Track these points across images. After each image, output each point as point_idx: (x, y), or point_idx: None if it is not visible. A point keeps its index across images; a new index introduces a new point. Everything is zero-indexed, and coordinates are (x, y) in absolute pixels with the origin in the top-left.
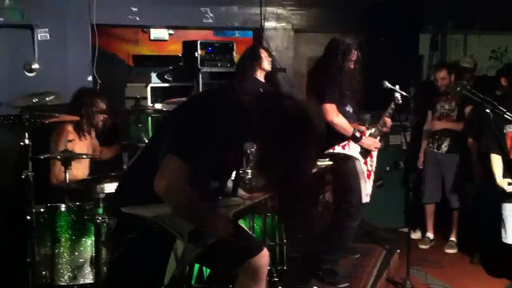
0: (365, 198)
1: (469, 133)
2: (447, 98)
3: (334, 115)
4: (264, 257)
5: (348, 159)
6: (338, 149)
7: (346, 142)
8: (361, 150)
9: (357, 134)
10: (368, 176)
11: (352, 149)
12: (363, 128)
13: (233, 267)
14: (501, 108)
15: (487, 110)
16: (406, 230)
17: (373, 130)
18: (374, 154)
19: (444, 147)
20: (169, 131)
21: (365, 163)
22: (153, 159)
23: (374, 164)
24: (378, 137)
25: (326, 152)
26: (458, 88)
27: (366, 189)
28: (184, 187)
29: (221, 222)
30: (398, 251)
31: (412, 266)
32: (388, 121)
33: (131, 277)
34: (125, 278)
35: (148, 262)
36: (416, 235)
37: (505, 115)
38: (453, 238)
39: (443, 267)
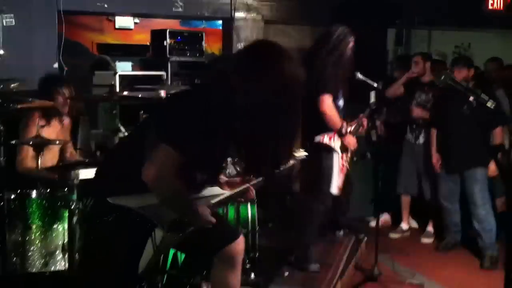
0: (335, 190)
1: (433, 123)
2: (423, 89)
3: (329, 107)
4: (239, 244)
5: (331, 150)
6: (326, 139)
7: (332, 134)
8: (341, 145)
9: (343, 131)
10: (342, 171)
11: (335, 142)
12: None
13: (209, 254)
14: (483, 96)
15: (471, 99)
16: (372, 219)
17: (352, 127)
18: (349, 151)
19: (422, 138)
20: (160, 121)
21: (342, 157)
22: (138, 148)
23: (347, 160)
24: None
25: (315, 140)
26: (443, 77)
27: (338, 181)
28: (173, 177)
29: (203, 212)
30: (366, 238)
31: (380, 254)
32: (365, 121)
33: (105, 262)
34: (99, 262)
35: (124, 247)
36: (382, 221)
37: (488, 103)
38: (429, 229)
39: (408, 254)
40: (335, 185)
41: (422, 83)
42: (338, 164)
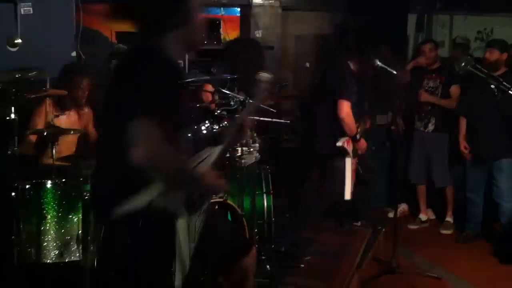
0: (348, 196)
1: (461, 112)
2: (431, 76)
3: (347, 113)
4: (252, 257)
5: (346, 154)
6: (345, 143)
7: (348, 139)
8: (353, 149)
9: (358, 136)
10: (353, 176)
11: (349, 147)
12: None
13: (221, 266)
14: (505, 84)
15: (492, 86)
16: (390, 209)
17: (358, 129)
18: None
19: (431, 126)
20: (120, 101)
21: (353, 163)
22: (116, 141)
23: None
24: None
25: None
26: (463, 64)
27: (351, 187)
28: (164, 145)
29: (210, 176)
30: (383, 229)
31: (398, 245)
32: (368, 121)
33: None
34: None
35: (156, 256)
36: (400, 210)
37: (510, 91)
38: (448, 219)
39: (427, 246)
40: (349, 191)
41: (429, 70)
42: (351, 169)
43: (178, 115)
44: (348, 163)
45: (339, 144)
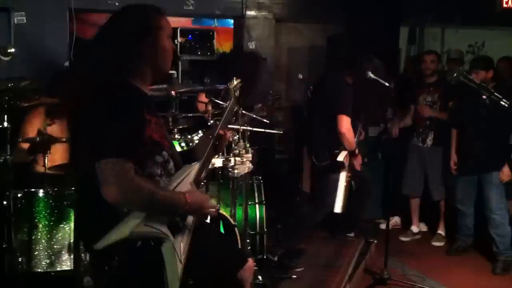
0: (339, 209)
1: (453, 124)
2: (429, 90)
3: (348, 129)
4: (249, 269)
5: (343, 168)
6: (341, 156)
7: (347, 153)
8: (348, 163)
9: (356, 151)
10: (345, 189)
11: (346, 161)
12: None
13: (217, 281)
14: (497, 94)
15: (484, 97)
16: (382, 221)
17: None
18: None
19: (429, 141)
20: (83, 143)
21: (347, 175)
22: (88, 177)
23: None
24: None
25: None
26: (455, 74)
27: (342, 200)
28: (135, 179)
29: (193, 197)
30: (375, 242)
31: (390, 257)
32: (363, 131)
33: None
34: None
35: (145, 279)
36: (392, 223)
37: (501, 102)
38: (440, 231)
39: (419, 257)
40: (340, 205)
41: (427, 83)
42: (344, 182)
43: (146, 144)
44: (343, 176)
45: (339, 159)
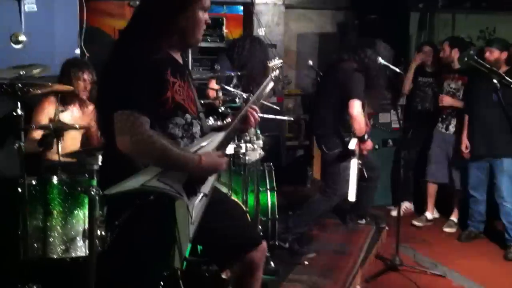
0: (352, 197)
1: (464, 110)
2: (454, 77)
3: (360, 112)
4: (261, 251)
5: (354, 155)
6: (352, 144)
7: (357, 141)
8: (358, 149)
9: (366, 137)
10: (357, 176)
11: (356, 148)
12: None
13: (229, 260)
14: (507, 78)
15: (494, 81)
16: (393, 208)
17: None
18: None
19: (452, 128)
20: (103, 95)
21: (359, 163)
22: (107, 130)
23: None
24: None
25: (350, 147)
26: (465, 58)
27: (355, 188)
28: (149, 132)
29: (209, 157)
30: (387, 228)
31: (401, 243)
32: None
33: (135, 260)
34: (129, 263)
35: (152, 234)
36: (404, 209)
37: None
38: (453, 218)
39: (430, 244)
40: (353, 192)
41: (451, 70)
42: (356, 169)
43: (167, 104)
44: (354, 163)
45: (350, 147)
